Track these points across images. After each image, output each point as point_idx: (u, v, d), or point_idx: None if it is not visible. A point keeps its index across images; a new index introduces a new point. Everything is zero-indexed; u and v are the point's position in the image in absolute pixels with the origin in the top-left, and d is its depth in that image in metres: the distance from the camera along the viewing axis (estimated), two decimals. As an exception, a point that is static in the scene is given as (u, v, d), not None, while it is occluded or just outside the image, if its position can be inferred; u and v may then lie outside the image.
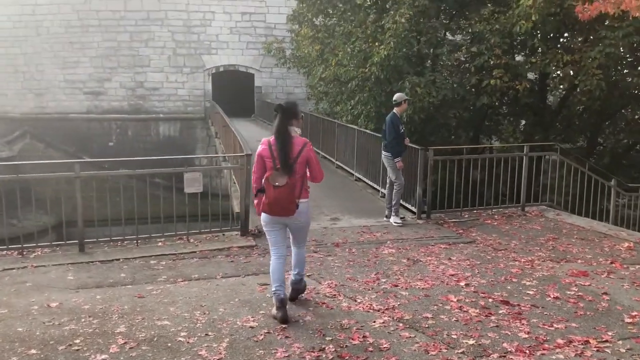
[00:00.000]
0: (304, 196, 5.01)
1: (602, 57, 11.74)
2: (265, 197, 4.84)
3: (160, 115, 27.94)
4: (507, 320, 4.89)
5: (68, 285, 5.90)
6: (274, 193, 4.77)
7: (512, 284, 5.90)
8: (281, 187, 4.76)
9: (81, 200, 7.03)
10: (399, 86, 13.02)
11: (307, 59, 17.82)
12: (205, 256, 6.97)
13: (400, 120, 8.59)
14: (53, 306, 5.26)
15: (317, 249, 7.18)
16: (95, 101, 27.47)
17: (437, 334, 4.61)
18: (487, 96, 13.06)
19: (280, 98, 28.56)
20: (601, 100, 12.70)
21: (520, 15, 12.12)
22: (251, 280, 6.04)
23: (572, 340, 4.47)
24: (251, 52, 28.68)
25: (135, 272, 6.31)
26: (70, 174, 6.99)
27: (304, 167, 4.98)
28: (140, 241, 7.46)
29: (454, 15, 15.63)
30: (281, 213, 4.88)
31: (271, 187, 4.78)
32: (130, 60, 27.40)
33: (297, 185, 4.88)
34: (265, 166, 4.94)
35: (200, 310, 5.13)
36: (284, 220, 4.98)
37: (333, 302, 5.33)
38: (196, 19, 27.77)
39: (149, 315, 5.03)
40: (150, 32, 27.37)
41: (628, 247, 7.49)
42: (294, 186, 4.82)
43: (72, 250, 7.19)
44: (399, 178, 8.51)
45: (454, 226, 8.57)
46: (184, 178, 7.50)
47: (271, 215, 4.93)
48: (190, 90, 28.26)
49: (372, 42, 13.39)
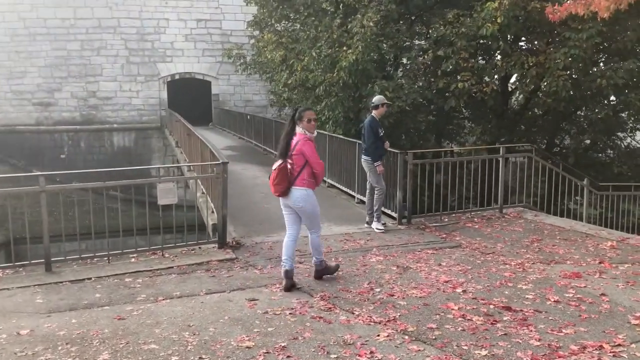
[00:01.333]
0: (299, 184, 5.85)
1: (567, 58, 11.89)
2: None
3: (114, 126, 27.06)
4: (514, 327, 4.70)
5: (38, 310, 5.40)
6: (271, 174, 5.89)
7: (509, 289, 5.74)
8: (274, 170, 5.86)
9: (47, 215, 6.51)
10: (368, 90, 12.87)
11: (269, 65, 17.50)
12: (184, 271, 6.55)
13: (380, 124, 8.37)
14: (24, 334, 4.78)
15: (302, 260, 6.86)
16: (45, 112, 26.38)
17: (446, 345, 4.38)
18: (454, 99, 13.03)
19: (239, 106, 28.16)
20: (565, 101, 12.85)
21: (486, 19, 12.17)
22: (238, 295, 5.68)
23: (586, 346, 4.31)
24: (207, 60, 28.13)
25: (111, 292, 5.85)
26: (34, 187, 6.46)
27: (301, 158, 5.84)
28: (111, 257, 6.98)
29: (413, 21, 15.61)
30: (275, 190, 5.90)
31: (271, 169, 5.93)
32: (82, 69, 26.45)
33: (293, 173, 5.84)
34: None
35: (189, 331, 4.75)
36: (286, 202, 5.94)
37: (330, 316, 5.04)
38: (150, 26, 27.04)
39: (133, 338, 4.62)
40: (102, 40, 26.49)
41: (611, 245, 7.48)
42: (282, 170, 5.81)
43: (37, 270, 6.65)
44: (379, 183, 8.28)
45: (436, 230, 8.40)
46: (158, 189, 7.07)
47: (273, 193, 5.97)
48: (145, 99, 27.48)
49: (339, 46, 13.21)
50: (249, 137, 20.63)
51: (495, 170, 9.49)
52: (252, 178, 13.06)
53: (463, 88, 12.63)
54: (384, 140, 8.38)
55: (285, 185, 5.82)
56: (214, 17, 27.83)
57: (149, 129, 27.36)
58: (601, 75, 12.26)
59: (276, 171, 5.82)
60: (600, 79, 12.06)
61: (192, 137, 12.65)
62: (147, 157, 27.12)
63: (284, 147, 5.90)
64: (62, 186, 7.33)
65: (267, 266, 6.67)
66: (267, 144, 17.64)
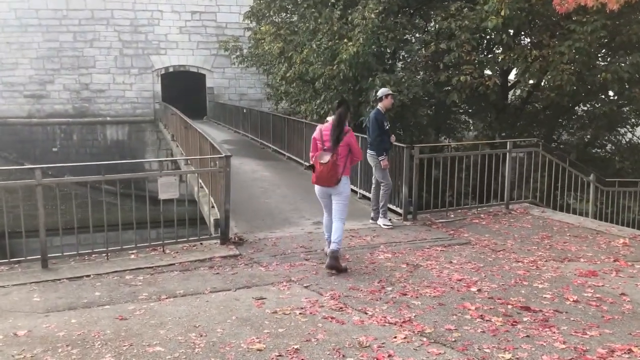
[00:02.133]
0: (346, 173, 6.24)
1: (572, 52, 11.71)
2: (314, 171, 6.21)
3: (107, 119, 26.68)
4: (536, 329, 4.50)
5: (35, 309, 5.14)
6: (320, 168, 6.12)
7: (525, 288, 5.54)
8: (325, 164, 6.08)
9: (43, 210, 6.24)
10: (369, 84, 12.64)
11: (266, 58, 17.21)
12: (186, 268, 6.31)
13: (386, 117, 8.14)
14: (21, 335, 4.53)
15: (308, 257, 6.65)
16: (37, 104, 25.95)
17: (467, 348, 4.17)
18: (457, 93, 12.83)
19: (233, 99, 27.83)
20: (569, 96, 12.69)
21: (490, 11, 11.96)
22: (244, 294, 5.45)
23: (614, 349, 4.12)
24: (202, 52, 27.79)
25: (112, 290, 5.60)
26: (30, 181, 6.19)
27: (346, 149, 6.19)
28: (110, 254, 6.72)
29: (412, 14, 15.35)
30: (324, 184, 6.19)
31: (318, 163, 6.14)
32: (74, 61, 26.03)
33: (340, 164, 6.14)
34: (317, 147, 6.27)
35: (196, 332, 4.52)
36: (329, 190, 6.25)
37: (342, 316, 4.82)
38: (143, 18, 26.65)
39: (137, 340, 4.38)
40: (95, 32, 26.07)
41: (624, 243, 7.31)
42: (335, 163, 6.09)
43: (33, 266, 6.37)
44: (385, 178, 8.07)
45: (443, 227, 8.20)
46: (159, 183, 6.81)
47: (318, 185, 6.26)
48: (139, 92, 27.12)
49: (339, 39, 12.95)
50: (245, 130, 20.35)
51: (498, 165, 9.27)
52: (251, 172, 12.81)
53: (465, 82, 12.42)
54: (389, 134, 8.16)
55: (337, 177, 6.12)
56: (208, 9, 27.46)
57: (143, 122, 27.01)
58: (605, 69, 12.10)
59: (329, 165, 6.07)
60: (605, 73, 11.90)
61: (190, 131, 12.37)
62: (140, 150, 26.80)
63: (336, 140, 6.13)
64: (60, 180, 7.06)
65: (272, 263, 6.44)
66: (264, 137, 17.38)
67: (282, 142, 15.08)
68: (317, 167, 6.14)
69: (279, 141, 15.58)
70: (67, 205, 6.72)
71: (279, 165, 13.98)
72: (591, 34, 11.52)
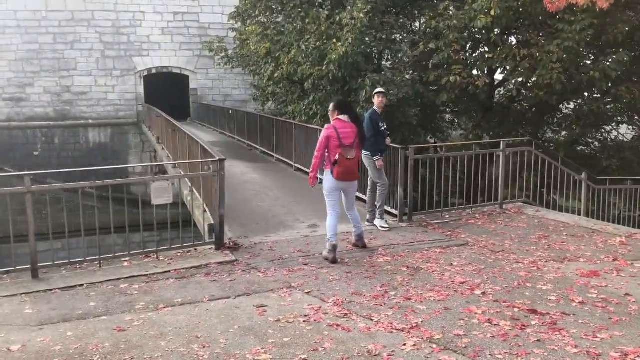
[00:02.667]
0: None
1: (560, 51, 11.72)
2: (339, 167, 6.48)
3: (89, 121, 26.27)
4: (545, 333, 4.43)
5: (28, 321, 4.95)
6: (347, 163, 6.49)
7: (529, 290, 5.48)
8: (352, 159, 6.52)
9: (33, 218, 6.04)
10: (358, 84, 12.54)
11: (252, 58, 17.03)
12: (182, 276, 6.15)
13: (381, 117, 8.04)
14: (15, 350, 4.35)
15: (307, 261, 6.52)
16: (17, 108, 25.46)
17: (479, 354, 4.09)
18: (446, 93, 12.79)
19: (218, 100, 27.59)
20: (558, 94, 12.71)
21: (479, 10, 11.93)
22: (245, 302, 5.31)
23: (627, 353, 4.06)
24: (185, 53, 27.49)
25: (107, 300, 5.42)
26: (19, 188, 5.99)
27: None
28: (102, 261, 6.53)
29: (398, 14, 15.28)
30: (351, 178, 6.63)
31: (345, 159, 6.47)
32: (55, 63, 25.59)
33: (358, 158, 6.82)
34: (329, 145, 6.57)
35: (198, 343, 4.38)
36: (346, 185, 6.69)
37: (348, 323, 4.71)
38: (125, 19, 26.27)
39: (138, 353, 4.23)
40: (76, 33, 25.65)
41: (621, 242, 7.30)
42: (359, 158, 6.87)
43: (22, 277, 6.17)
44: (382, 178, 7.97)
45: (440, 228, 8.13)
46: (152, 188, 6.63)
47: (342, 181, 6.58)
48: (121, 94, 26.75)
49: (327, 39, 12.83)
50: (231, 132, 20.15)
51: (491, 165, 9.24)
52: (241, 175, 12.64)
53: (455, 82, 12.38)
54: (385, 136, 8.06)
55: (357, 171, 6.75)
56: (191, 9, 27.16)
57: (126, 125, 26.65)
58: (593, 68, 12.14)
59: (355, 160, 6.61)
60: (593, 72, 11.94)
61: (178, 134, 12.16)
62: (123, 153, 26.46)
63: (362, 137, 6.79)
64: (50, 186, 6.87)
65: (270, 269, 6.30)
66: (251, 139, 17.19)
67: (271, 144, 14.92)
68: (345, 163, 6.45)
69: (267, 143, 15.42)
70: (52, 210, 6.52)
71: (268, 167, 13.83)
72: (580, 32, 11.54)
